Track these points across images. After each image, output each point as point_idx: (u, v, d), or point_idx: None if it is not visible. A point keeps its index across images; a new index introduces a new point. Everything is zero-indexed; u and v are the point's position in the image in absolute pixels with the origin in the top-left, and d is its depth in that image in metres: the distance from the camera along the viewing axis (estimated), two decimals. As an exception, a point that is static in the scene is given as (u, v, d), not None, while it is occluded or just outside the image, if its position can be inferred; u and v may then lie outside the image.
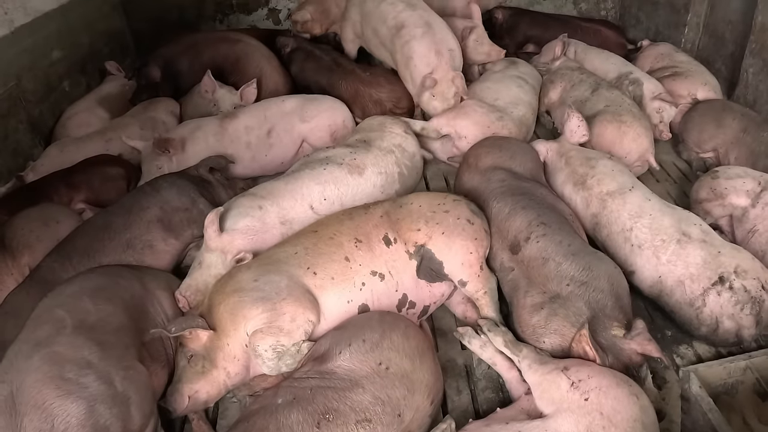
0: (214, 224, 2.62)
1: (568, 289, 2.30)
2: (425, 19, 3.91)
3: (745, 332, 2.43)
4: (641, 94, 4.04)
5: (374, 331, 2.12)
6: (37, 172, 3.64)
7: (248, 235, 2.72)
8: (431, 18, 3.94)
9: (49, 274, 2.67)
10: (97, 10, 5.20)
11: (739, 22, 4.47)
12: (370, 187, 3.12)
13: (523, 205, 2.66)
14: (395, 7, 4.02)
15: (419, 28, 3.85)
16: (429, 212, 2.54)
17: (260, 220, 2.77)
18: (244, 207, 2.79)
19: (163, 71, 4.67)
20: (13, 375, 1.88)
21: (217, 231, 2.63)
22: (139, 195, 3.01)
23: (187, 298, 2.57)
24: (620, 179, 2.95)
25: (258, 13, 6.29)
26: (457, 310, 2.73)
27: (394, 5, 4.04)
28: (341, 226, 2.54)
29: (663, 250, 2.60)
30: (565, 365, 2.05)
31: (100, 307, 2.17)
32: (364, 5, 4.28)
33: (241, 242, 2.69)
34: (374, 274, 2.44)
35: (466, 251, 2.47)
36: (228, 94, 4.31)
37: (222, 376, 2.25)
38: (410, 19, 3.90)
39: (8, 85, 3.89)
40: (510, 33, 5.71)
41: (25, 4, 4.12)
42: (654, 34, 5.52)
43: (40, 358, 1.90)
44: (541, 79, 4.44)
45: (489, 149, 3.13)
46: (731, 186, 2.96)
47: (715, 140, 3.66)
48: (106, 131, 4.04)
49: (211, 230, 2.62)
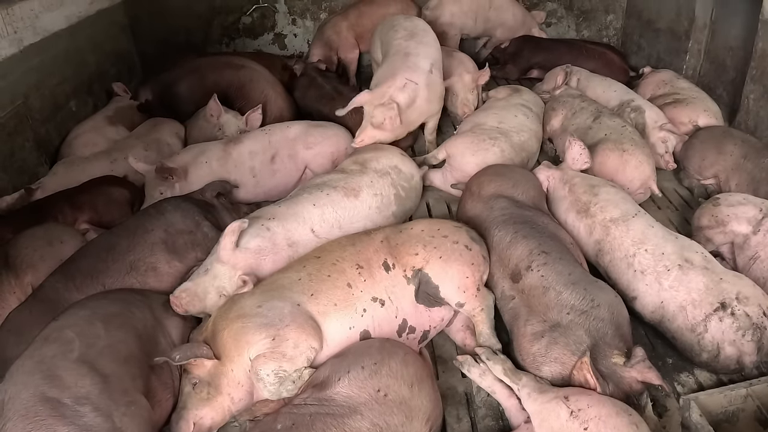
0: (234, 235, 2.64)
1: (568, 318, 2.30)
2: (408, 49, 3.90)
3: (747, 359, 2.42)
4: (643, 122, 4.07)
5: (373, 358, 2.12)
6: (43, 190, 3.65)
7: (260, 255, 2.74)
8: (415, 49, 3.90)
9: (53, 293, 2.68)
10: (105, 31, 5.28)
11: (739, 49, 4.52)
12: (366, 209, 3.15)
13: (524, 234, 2.67)
14: (397, 33, 4.11)
15: (397, 55, 3.88)
16: (428, 237, 2.56)
17: (270, 240, 2.79)
18: (254, 228, 2.80)
19: (162, 95, 4.72)
20: (9, 386, 1.88)
21: (234, 244, 2.65)
22: (144, 217, 3.02)
23: (181, 301, 2.56)
24: (623, 207, 2.96)
25: (264, 37, 6.40)
26: (456, 337, 2.73)
27: (396, 32, 4.13)
28: (344, 252, 2.55)
29: (665, 276, 2.61)
30: (565, 394, 2.05)
31: (111, 334, 2.17)
32: (381, 31, 4.42)
33: (253, 261, 2.71)
34: (375, 299, 2.45)
35: (463, 276, 2.48)
36: (233, 119, 4.35)
37: (226, 402, 2.26)
38: (399, 46, 3.96)
39: (15, 104, 3.93)
40: (514, 59, 5.79)
41: (34, 23, 4.18)
42: (655, 61, 5.58)
43: (41, 377, 1.90)
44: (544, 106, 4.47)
45: (492, 177, 3.15)
46: (733, 213, 2.96)
47: (716, 167, 3.68)
48: (111, 152, 4.07)
49: (228, 241, 2.63)
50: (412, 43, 3.94)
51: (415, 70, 3.71)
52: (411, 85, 3.66)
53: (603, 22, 6.48)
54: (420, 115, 3.85)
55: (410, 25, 4.18)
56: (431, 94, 3.80)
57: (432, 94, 3.82)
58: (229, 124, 4.33)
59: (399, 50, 3.91)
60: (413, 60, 3.78)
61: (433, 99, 3.85)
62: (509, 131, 3.86)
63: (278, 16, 6.33)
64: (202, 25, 6.12)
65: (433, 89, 3.83)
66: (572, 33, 6.56)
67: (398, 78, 3.64)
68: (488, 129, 3.87)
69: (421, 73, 3.73)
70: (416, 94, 3.69)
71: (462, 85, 4.56)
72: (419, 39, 3.99)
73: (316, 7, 6.34)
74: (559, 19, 6.50)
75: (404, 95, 3.63)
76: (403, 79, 3.64)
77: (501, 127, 3.88)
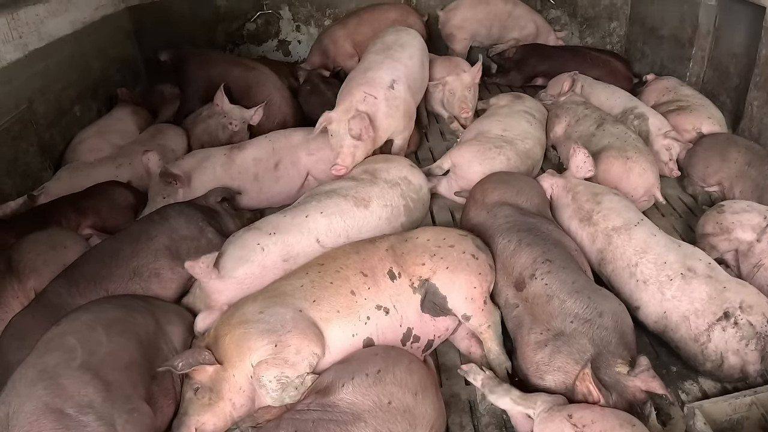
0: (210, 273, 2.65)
1: (572, 327, 2.29)
2: (371, 64, 3.86)
3: (751, 368, 2.41)
4: (647, 129, 4.07)
5: (377, 366, 2.12)
6: (46, 195, 3.66)
7: (244, 284, 2.73)
8: (379, 63, 3.84)
9: (56, 298, 2.69)
10: (111, 37, 5.31)
11: (743, 56, 4.51)
12: (376, 219, 3.13)
13: (528, 242, 2.66)
14: (374, 46, 4.14)
15: (358, 70, 3.86)
16: (434, 246, 2.56)
17: (260, 264, 2.77)
18: (246, 250, 2.79)
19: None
20: (13, 398, 1.87)
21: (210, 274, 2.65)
22: (148, 223, 3.03)
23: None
24: (626, 215, 2.96)
25: (268, 44, 6.42)
26: (461, 345, 2.72)
27: (374, 44, 4.18)
28: (347, 259, 2.55)
29: (668, 286, 2.60)
30: (569, 412, 2.03)
31: (113, 340, 2.17)
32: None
33: (234, 293, 2.69)
34: (379, 308, 2.45)
35: (470, 286, 2.48)
36: (237, 109, 4.42)
37: (228, 408, 2.25)
38: (366, 60, 3.98)
39: (20, 108, 3.95)
40: (518, 66, 5.80)
41: (39, 28, 4.21)
42: (659, 68, 5.58)
43: (43, 387, 1.89)
44: (547, 113, 4.48)
45: (496, 185, 3.14)
46: (737, 220, 2.96)
47: (719, 174, 3.68)
48: (116, 157, 4.09)
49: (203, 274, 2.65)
50: (380, 57, 3.90)
51: (373, 85, 3.63)
52: (370, 99, 3.58)
53: (606, 29, 6.49)
54: (383, 132, 3.70)
55: (391, 39, 4.12)
56: (391, 110, 3.67)
57: (392, 110, 3.67)
58: (233, 114, 4.39)
59: (362, 65, 3.90)
60: (371, 75, 3.71)
61: (394, 115, 3.69)
62: (514, 139, 3.86)
63: (282, 23, 6.35)
64: (206, 32, 6.13)
65: (394, 104, 3.68)
66: (576, 40, 6.56)
67: (356, 92, 3.59)
68: (493, 137, 3.86)
69: (380, 87, 3.63)
70: (376, 108, 3.59)
71: (460, 83, 4.55)
72: (390, 53, 3.93)
73: (320, 14, 6.35)
74: (563, 26, 6.50)
75: (366, 107, 3.55)
76: (361, 93, 3.58)
77: (506, 135, 3.88)
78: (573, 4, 6.42)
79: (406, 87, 3.80)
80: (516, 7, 5.96)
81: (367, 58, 3.97)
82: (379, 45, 4.08)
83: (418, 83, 4.08)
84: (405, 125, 3.85)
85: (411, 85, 3.88)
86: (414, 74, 3.97)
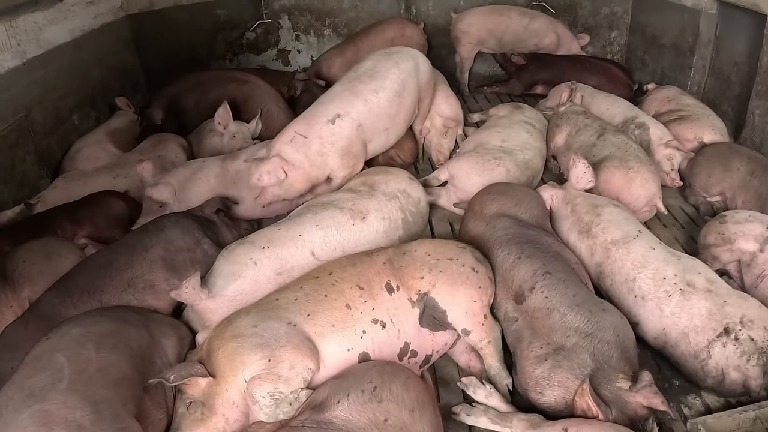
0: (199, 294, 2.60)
1: (572, 341, 2.27)
2: (324, 97, 3.77)
3: (753, 383, 2.38)
4: (648, 139, 4.05)
5: (373, 382, 2.07)
6: (43, 203, 3.65)
7: (236, 300, 2.70)
8: (332, 97, 3.71)
9: (49, 308, 2.67)
10: (110, 45, 5.31)
11: (744, 64, 4.50)
12: (373, 232, 3.09)
13: (528, 254, 2.64)
14: (348, 74, 3.96)
15: (314, 103, 3.79)
16: (433, 260, 2.52)
17: (252, 279, 2.74)
18: (238, 265, 2.76)
19: (168, 110, 4.73)
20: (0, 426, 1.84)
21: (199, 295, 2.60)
22: (143, 234, 3.01)
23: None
24: (625, 228, 2.93)
25: (268, 53, 6.43)
26: (460, 360, 2.69)
27: (348, 72, 4.00)
28: (343, 272, 2.52)
29: (666, 303, 2.58)
30: (564, 426, 2.01)
31: (102, 356, 2.13)
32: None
33: (227, 310, 2.64)
34: (375, 322, 2.41)
35: (470, 300, 2.45)
36: (242, 126, 4.40)
37: (221, 423, 2.22)
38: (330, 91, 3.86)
39: (18, 116, 3.94)
40: (519, 74, 5.80)
41: (37, 36, 4.21)
42: (660, 77, 5.57)
43: (29, 416, 1.85)
44: (547, 123, 4.46)
45: (495, 196, 3.11)
46: (739, 231, 2.94)
47: (722, 184, 3.66)
48: (114, 167, 4.07)
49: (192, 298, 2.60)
50: (340, 89, 3.73)
51: (310, 122, 3.52)
52: (299, 139, 3.46)
53: (607, 38, 6.48)
54: (318, 169, 3.53)
55: (367, 66, 3.85)
56: (325, 147, 3.49)
57: (326, 147, 3.49)
58: (242, 131, 4.38)
59: (321, 97, 3.78)
60: (314, 110, 3.61)
61: (328, 152, 3.50)
62: (513, 150, 3.84)
63: (282, 32, 6.35)
64: (206, 41, 6.14)
65: (329, 141, 3.49)
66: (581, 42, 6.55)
67: (287, 132, 3.51)
68: (492, 149, 3.84)
69: (316, 124, 3.50)
70: (306, 148, 3.46)
71: (434, 130, 4.45)
72: (353, 85, 3.71)
73: (319, 23, 6.36)
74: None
75: (291, 148, 3.43)
76: (290, 133, 3.49)
77: (505, 146, 3.86)
78: (573, 13, 6.42)
79: (353, 124, 3.58)
80: (534, 21, 5.93)
81: (330, 90, 3.81)
82: (351, 74, 3.86)
83: (382, 119, 3.75)
84: (343, 164, 3.60)
85: (365, 122, 3.63)
86: (376, 110, 3.68)
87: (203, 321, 2.70)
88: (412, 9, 6.28)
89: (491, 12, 5.88)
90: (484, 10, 5.91)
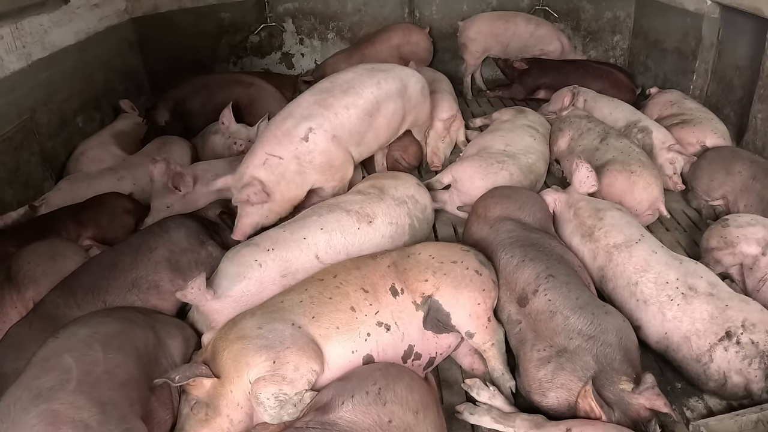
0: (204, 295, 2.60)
1: (575, 343, 2.27)
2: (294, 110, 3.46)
3: (755, 386, 2.38)
4: (651, 143, 4.06)
5: (378, 383, 2.08)
6: (47, 205, 3.66)
7: (242, 301, 2.70)
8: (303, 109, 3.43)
9: (53, 309, 2.68)
10: (114, 48, 5.33)
11: (747, 68, 4.51)
12: (379, 237, 3.07)
13: (531, 257, 2.64)
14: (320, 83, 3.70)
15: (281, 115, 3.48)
16: (437, 263, 2.53)
17: (257, 281, 2.74)
18: (243, 266, 2.76)
19: (174, 112, 4.76)
20: (8, 425, 1.85)
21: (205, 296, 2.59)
22: (147, 235, 3.01)
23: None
24: (627, 232, 2.93)
25: (271, 56, 6.44)
26: (464, 362, 2.70)
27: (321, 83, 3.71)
28: (348, 275, 2.53)
29: (668, 307, 2.58)
30: (568, 426, 2.01)
31: (109, 357, 2.14)
32: None
33: (233, 311, 2.64)
34: (380, 324, 2.42)
35: (474, 302, 2.46)
36: (243, 128, 4.41)
37: (225, 424, 2.22)
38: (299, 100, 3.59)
39: (22, 118, 3.96)
40: (521, 78, 5.81)
41: (42, 38, 4.23)
42: (662, 81, 5.58)
43: (37, 415, 1.86)
44: (550, 127, 4.46)
45: (498, 199, 3.12)
46: (742, 234, 2.94)
47: (724, 188, 3.66)
48: (118, 169, 4.09)
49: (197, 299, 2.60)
50: (309, 101, 3.45)
51: (282, 141, 3.27)
52: (273, 160, 3.23)
53: (610, 42, 6.50)
54: (299, 187, 3.35)
55: (343, 79, 3.59)
56: (303, 165, 3.30)
57: (305, 165, 3.31)
58: (240, 133, 4.39)
59: (289, 106, 3.50)
60: (286, 126, 3.32)
61: (306, 170, 3.33)
62: (517, 154, 3.84)
63: (286, 36, 6.36)
64: (210, 44, 6.16)
65: (306, 159, 3.30)
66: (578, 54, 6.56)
67: (257, 155, 3.25)
68: (495, 152, 3.84)
69: (290, 142, 3.27)
70: (284, 168, 3.25)
71: (433, 132, 4.45)
72: (323, 98, 3.44)
73: (323, 27, 6.38)
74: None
75: (266, 172, 3.21)
76: (262, 156, 3.24)
77: (508, 150, 3.87)
78: (576, 17, 6.44)
79: (327, 137, 3.35)
80: (539, 28, 5.95)
81: (298, 99, 3.53)
82: (325, 83, 3.60)
83: (359, 135, 3.54)
84: (328, 177, 3.44)
85: (340, 135, 3.41)
86: (349, 125, 3.45)
87: (209, 322, 2.71)
88: (415, 13, 6.31)
89: (498, 19, 5.90)
90: (490, 16, 5.93)
